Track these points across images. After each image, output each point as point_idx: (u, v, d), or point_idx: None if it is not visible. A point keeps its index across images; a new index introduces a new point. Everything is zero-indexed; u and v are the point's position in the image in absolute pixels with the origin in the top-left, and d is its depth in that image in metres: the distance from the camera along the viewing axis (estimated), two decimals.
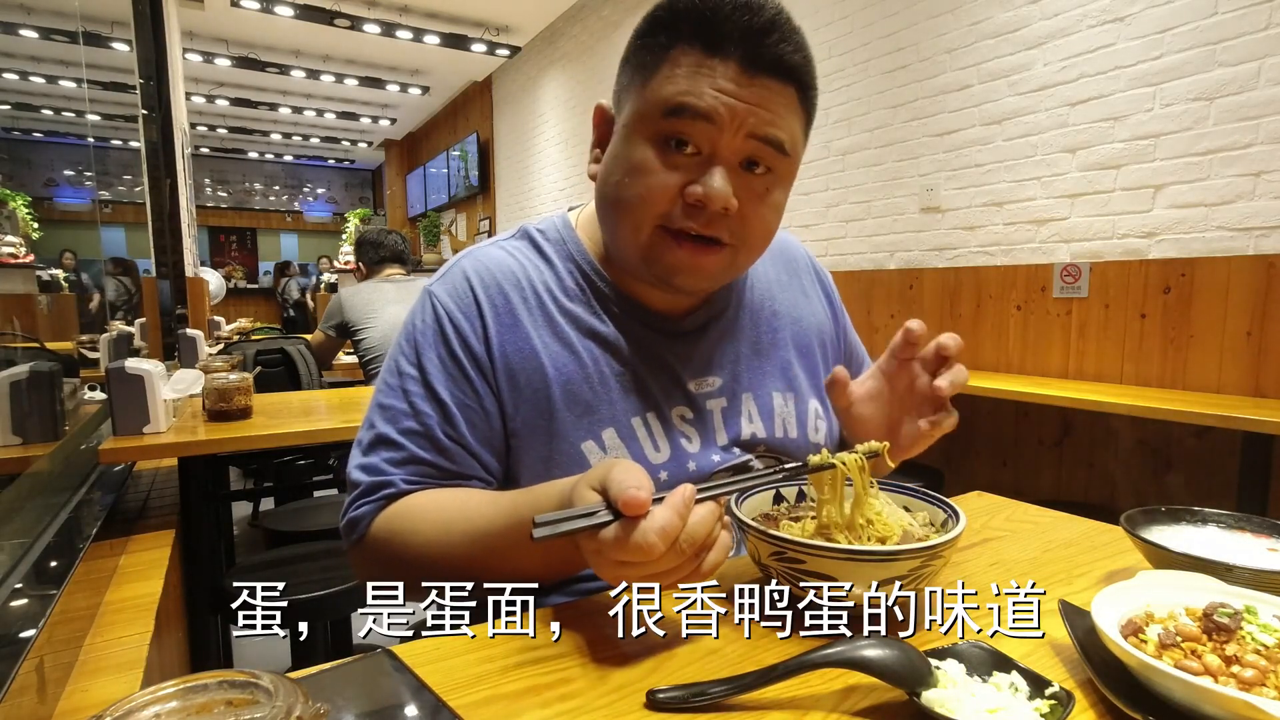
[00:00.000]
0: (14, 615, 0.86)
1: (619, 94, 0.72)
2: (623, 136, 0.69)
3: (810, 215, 3.52)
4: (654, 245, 0.69)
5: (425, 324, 0.74)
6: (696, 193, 0.64)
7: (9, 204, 1.80)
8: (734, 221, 0.67)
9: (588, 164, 0.76)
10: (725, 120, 0.63)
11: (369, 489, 0.71)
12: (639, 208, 0.67)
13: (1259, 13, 2.03)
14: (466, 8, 5.68)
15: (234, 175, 11.60)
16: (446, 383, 0.72)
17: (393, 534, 0.68)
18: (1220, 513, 0.68)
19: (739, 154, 0.66)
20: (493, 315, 0.73)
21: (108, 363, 1.72)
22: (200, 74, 7.09)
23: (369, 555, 0.70)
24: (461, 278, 0.75)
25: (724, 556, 0.52)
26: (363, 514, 0.70)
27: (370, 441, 0.73)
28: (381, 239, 3.10)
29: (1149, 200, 2.30)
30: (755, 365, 0.82)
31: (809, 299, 0.90)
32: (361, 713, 0.47)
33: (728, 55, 0.63)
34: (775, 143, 0.65)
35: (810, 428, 0.83)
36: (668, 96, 0.64)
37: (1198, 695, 0.41)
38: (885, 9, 3.11)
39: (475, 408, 0.72)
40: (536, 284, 0.76)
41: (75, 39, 2.04)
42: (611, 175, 0.69)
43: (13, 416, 1.26)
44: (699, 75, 0.64)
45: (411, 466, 0.71)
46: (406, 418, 0.72)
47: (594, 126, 0.75)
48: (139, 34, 3.09)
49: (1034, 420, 2.71)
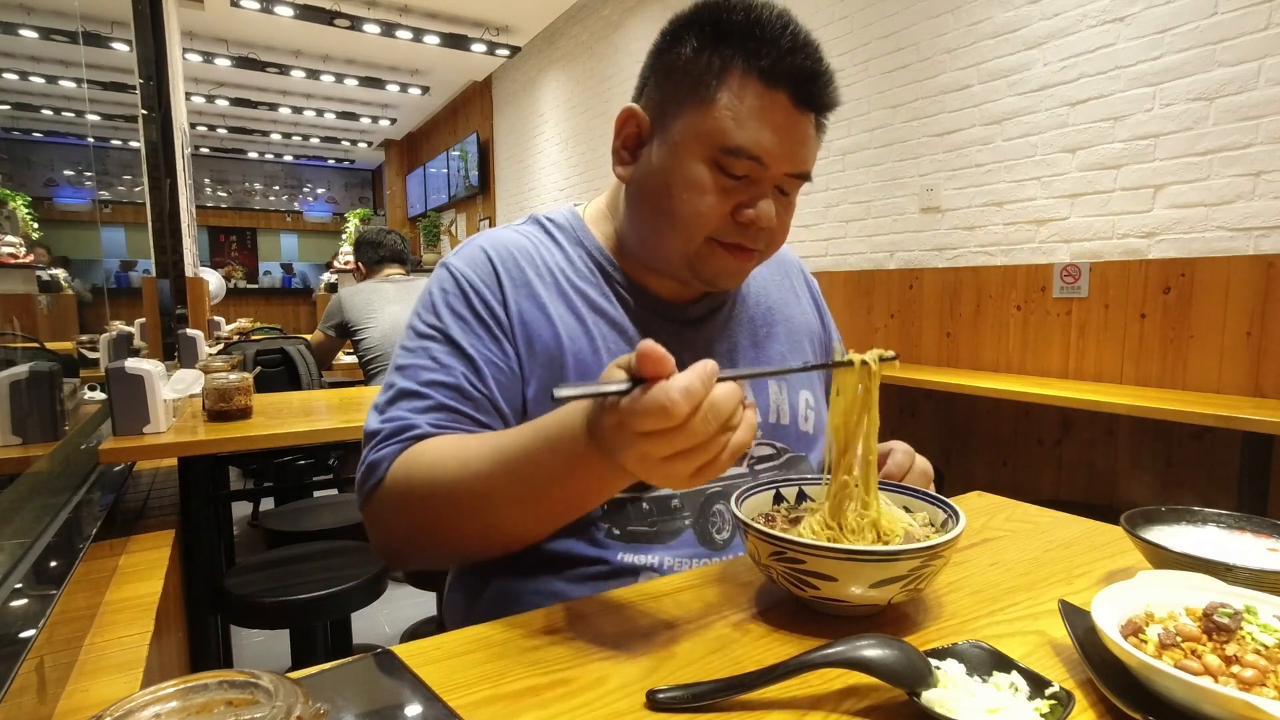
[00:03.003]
0: (14, 615, 0.86)
1: (661, 103, 0.74)
2: (674, 151, 0.72)
3: (810, 215, 3.52)
4: (703, 254, 0.74)
5: (445, 290, 0.76)
6: (750, 216, 0.71)
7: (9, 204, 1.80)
8: (769, 233, 0.74)
9: (613, 165, 0.78)
10: (773, 162, 0.70)
11: (390, 434, 0.69)
12: (694, 222, 0.72)
13: (1259, 13, 2.03)
14: (466, 8, 5.68)
15: (234, 175, 11.58)
16: (471, 338, 0.73)
17: (412, 471, 0.66)
18: (1220, 513, 0.68)
19: (778, 182, 0.73)
20: (510, 282, 0.76)
21: (108, 363, 1.72)
22: (200, 74, 7.08)
23: (387, 501, 0.68)
24: (479, 250, 0.79)
25: (750, 437, 0.51)
26: (383, 455, 0.68)
27: (390, 398, 0.72)
28: (381, 239, 3.10)
29: (1149, 200, 2.30)
30: (752, 355, 0.86)
31: (799, 300, 0.95)
32: (361, 713, 0.47)
33: (780, 88, 0.69)
34: (805, 175, 0.74)
35: (801, 416, 0.87)
36: (728, 133, 0.69)
37: (1198, 695, 0.41)
38: (885, 9, 3.11)
39: (500, 364, 0.73)
40: (549, 262, 0.80)
41: (75, 39, 2.04)
42: (661, 186, 0.73)
43: (12, 416, 1.26)
44: (757, 115, 0.69)
45: (438, 413, 0.70)
46: (431, 371, 0.72)
47: (619, 128, 0.77)
48: (139, 34, 3.09)
49: (1034, 420, 2.71)
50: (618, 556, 0.74)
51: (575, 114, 5.72)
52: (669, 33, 0.74)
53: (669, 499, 0.77)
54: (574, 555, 0.74)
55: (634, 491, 0.76)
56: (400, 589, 2.66)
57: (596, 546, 0.74)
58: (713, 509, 0.79)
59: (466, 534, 0.66)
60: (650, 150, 0.74)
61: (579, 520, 0.74)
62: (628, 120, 0.76)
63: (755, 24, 0.69)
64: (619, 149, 0.77)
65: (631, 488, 0.75)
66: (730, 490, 0.79)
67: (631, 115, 0.76)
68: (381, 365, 2.81)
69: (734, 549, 0.79)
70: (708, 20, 0.71)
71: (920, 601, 0.62)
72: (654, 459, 0.49)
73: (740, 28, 0.69)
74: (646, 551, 0.75)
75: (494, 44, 6.04)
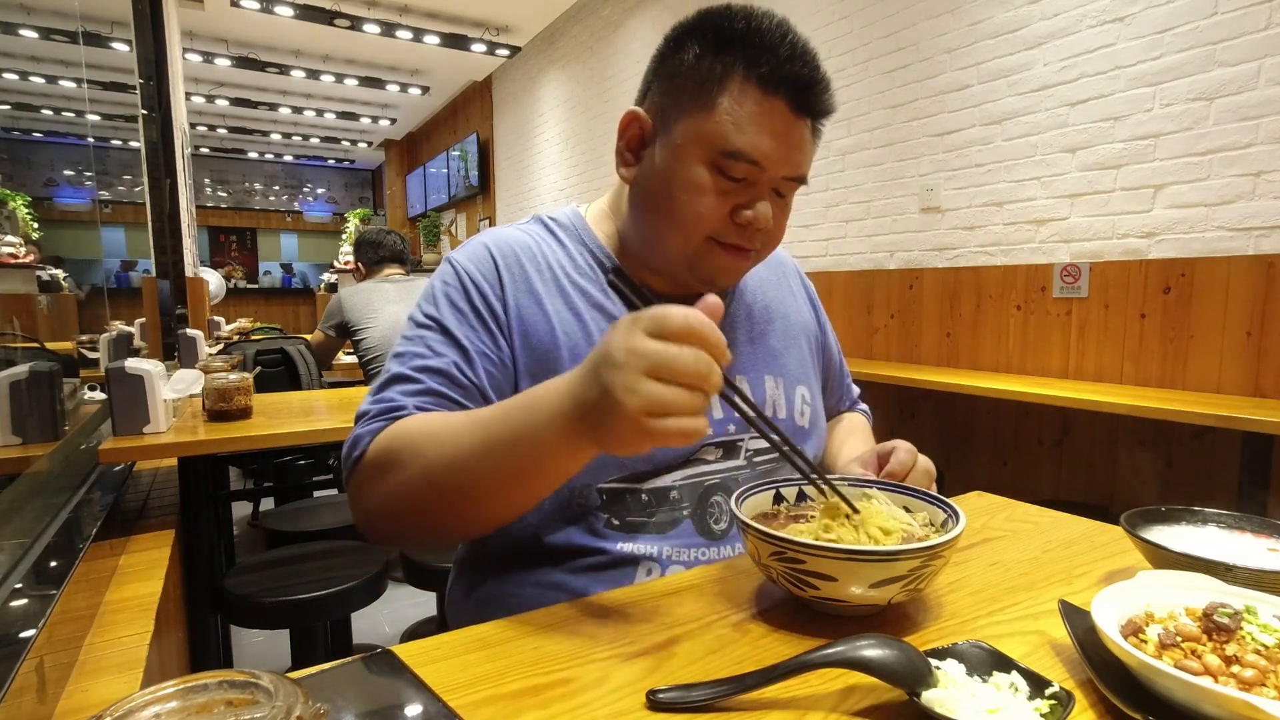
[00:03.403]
0: (14, 615, 0.86)
1: (663, 106, 0.76)
2: (675, 153, 0.74)
3: (810, 215, 3.52)
4: (702, 254, 0.76)
5: (446, 283, 0.79)
6: (748, 217, 0.73)
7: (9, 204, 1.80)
8: (764, 233, 0.76)
9: (617, 166, 0.81)
10: (771, 166, 0.72)
11: (377, 414, 0.71)
12: (693, 223, 0.74)
13: (1259, 13, 2.03)
14: (466, 8, 5.67)
15: (234, 175, 11.58)
16: (465, 330, 0.76)
17: (391, 444, 0.67)
18: (1220, 513, 0.68)
19: (775, 185, 0.75)
20: (510, 279, 0.79)
21: (108, 363, 1.72)
22: (200, 74, 7.08)
23: (370, 473, 0.68)
24: (481, 246, 0.82)
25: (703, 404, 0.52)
26: (367, 431, 0.70)
27: (383, 382, 0.74)
28: (380, 239, 3.10)
29: (1149, 200, 2.30)
30: (749, 351, 0.88)
31: (795, 299, 0.98)
32: (361, 713, 0.47)
33: (778, 94, 0.71)
34: (801, 179, 0.76)
35: (797, 411, 0.89)
36: (727, 137, 0.71)
37: (1198, 695, 0.41)
38: (885, 9, 3.11)
39: (493, 357, 0.76)
40: (550, 260, 0.82)
41: (75, 39, 2.04)
42: (663, 187, 0.75)
43: (12, 416, 1.26)
44: (755, 120, 0.71)
45: (426, 397, 0.72)
46: (424, 358, 0.74)
47: (622, 130, 0.79)
48: (139, 34, 3.09)
49: (1034, 420, 2.71)
50: (616, 546, 0.75)
51: (575, 114, 5.72)
52: (672, 39, 0.76)
53: (667, 490, 0.78)
54: (573, 545, 0.75)
55: (629, 483, 0.77)
56: (400, 589, 2.65)
57: (596, 536, 0.75)
58: (710, 499, 0.80)
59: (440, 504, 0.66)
60: (653, 152, 0.77)
61: (578, 510, 0.75)
62: (631, 123, 0.78)
63: (755, 32, 0.71)
64: (623, 150, 0.80)
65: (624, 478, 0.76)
66: (728, 482, 0.81)
67: (635, 118, 0.78)
68: (381, 365, 2.81)
69: (732, 539, 0.80)
70: (710, 28, 0.73)
71: (920, 601, 0.62)
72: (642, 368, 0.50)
73: (741, 35, 0.71)
74: (645, 541, 0.76)
75: (494, 44, 6.04)
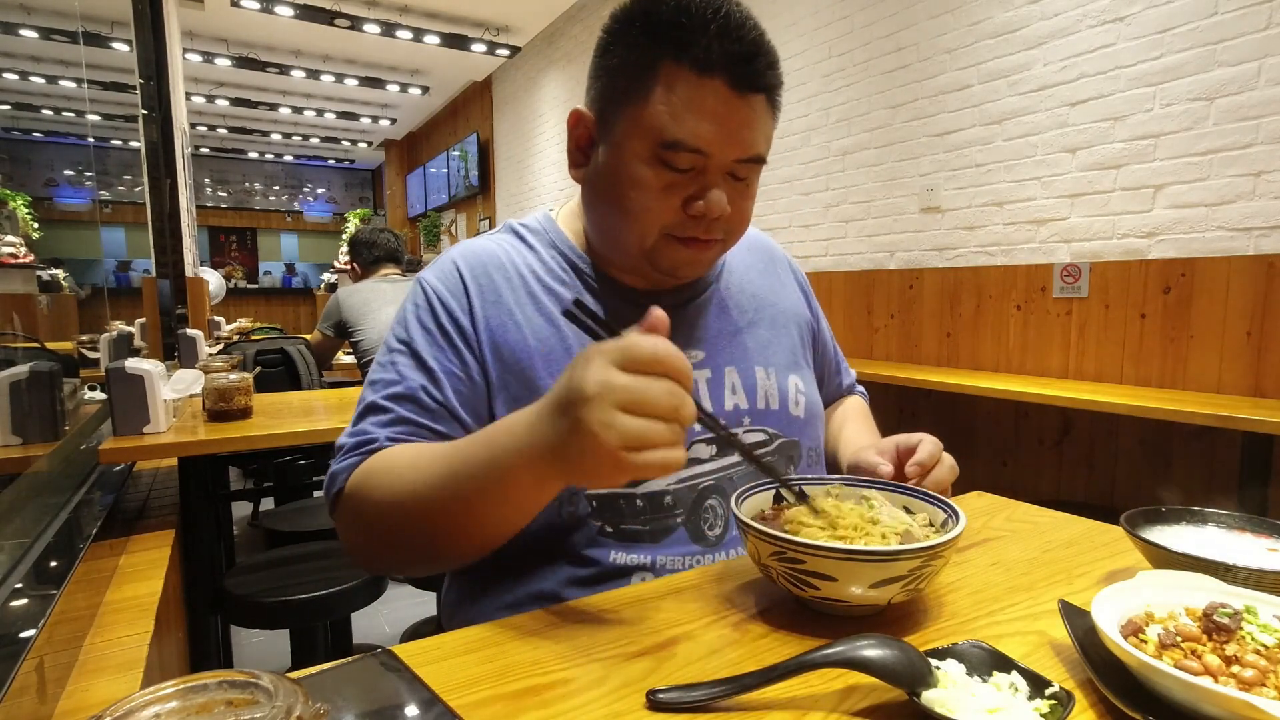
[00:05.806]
0: (14, 615, 0.86)
1: (601, 103, 0.74)
2: (616, 152, 0.73)
3: (810, 215, 3.51)
4: (659, 249, 0.74)
5: (416, 304, 0.79)
6: (700, 208, 0.71)
7: (9, 204, 1.80)
8: (726, 220, 0.73)
9: (568, 167, 0.80)
10: (716, 150, 0.69)
11: (352, 448, 0.72)
12: (644, 219, 0.72)
13: (1259, 13, 2.03)
14: (466, 8, 5.68)
15: (234, 175, 11.58)
16: (433, 351, 0.76)
17: (367, 479, 0.69)
18: (1220, 513, 0.68)
19: (727, 169, 0.72)
20: (478, 294, 0.78)
21: (108, 363, 1.72)
22: (200, 74, 7.08)
23: (348, 508, 0.71)
24: (449, 263, 0.82)
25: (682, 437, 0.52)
26: (343, 467, 0.71)
27: (359, 413, 0.75)
28: (374, 238, 3.09)
29: (1149, 200, 2.30)
30: (737, 342, 0.86)
31: (785, 288, 0.96)
32: (361, 713, 0.47)
33: (714, 74, 0.67)
34: (757, 159, 0.72)
35: (791, 401, 0.86)
36: (664, 128, 0.68)
37: (1197, 695, 0.41)
38: (885, 9, 3.11)
39: (461, 375, 0.75)
40: (520, 266, 0.81)
41: (75, 39, 2.04)
42: (610, 187, 0.74)
43: (13, 416, 1.26)
44: (692, 106, 0.68)
45: (397, 426, 0.72)
46: (393, 385, 0.74)
47: (570, 130, 0.78)
48: (139, 34, 3.09)
49: (1034, 420, 2.71)
50: (610, 556, 0.74)
51: None
52: (606, 30, 0.74)
53: (661, 494, 0.76)
54: (566, 555, 0.74)
55: (622, 487, 0.75)
56: (400, 589, 2.66)
57: (589, 545, 0.74)
58: (705, 504, 0.78)
59: (418, 537, 0.67)
60: (599, 151, 0.75)
61: (569, 519, 0.74)
62: (577, 123, 0.76)
63: (682, 12, 0.67)
64: (572, 150, 0.78)
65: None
66: (723, 483, 0.79)
67: (580, 118, 0.76)
68: None
69: (726, 546, 0.78)
70: (638, 16, 0.70)
71: (920, 601, 0.62)
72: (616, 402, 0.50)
73: (668, 19, 0.68)
74: (639, 551, 0.74)
75: (494, 44, 6.04)
